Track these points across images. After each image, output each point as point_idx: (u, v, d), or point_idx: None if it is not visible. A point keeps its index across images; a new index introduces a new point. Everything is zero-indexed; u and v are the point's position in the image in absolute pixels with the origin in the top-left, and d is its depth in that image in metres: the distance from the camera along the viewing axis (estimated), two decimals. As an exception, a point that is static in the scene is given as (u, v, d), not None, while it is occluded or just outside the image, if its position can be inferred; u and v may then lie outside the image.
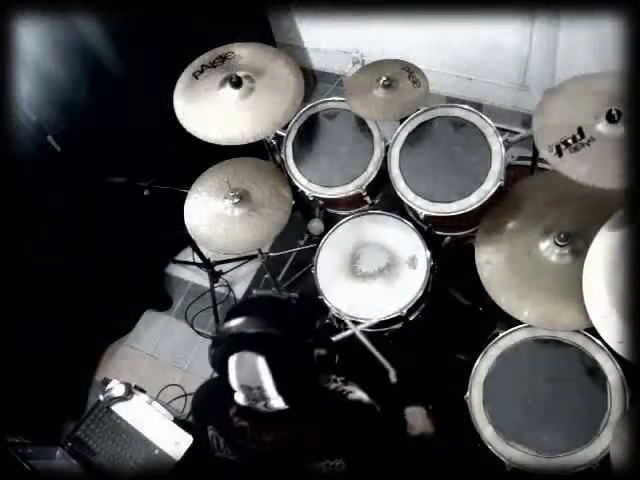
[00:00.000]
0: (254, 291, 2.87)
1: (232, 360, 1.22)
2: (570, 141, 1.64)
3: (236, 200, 2.16)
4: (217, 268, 2.88)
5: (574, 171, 1.62)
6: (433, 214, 2.08)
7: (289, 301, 1.72)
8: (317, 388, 1.35)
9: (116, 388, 2.17)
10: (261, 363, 1.20)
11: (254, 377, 1.21)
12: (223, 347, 1.25)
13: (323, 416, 1.33)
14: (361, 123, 2.32)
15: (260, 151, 2.50)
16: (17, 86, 2.05)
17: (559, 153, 1.65)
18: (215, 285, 2.91)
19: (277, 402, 1.23)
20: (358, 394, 1.41)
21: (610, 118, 1.61)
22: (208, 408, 1.50)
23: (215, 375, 1.40)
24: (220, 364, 1.26)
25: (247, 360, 1.21)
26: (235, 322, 1.27)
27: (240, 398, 1.25)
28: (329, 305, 2.13)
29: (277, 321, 1.28)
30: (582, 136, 1.64)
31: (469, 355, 2.00)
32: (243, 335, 1.24)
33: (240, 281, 3.04)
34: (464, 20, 2.45)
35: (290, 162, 2.34)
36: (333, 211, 2.42)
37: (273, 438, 1.30)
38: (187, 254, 3.05)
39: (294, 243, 2.81)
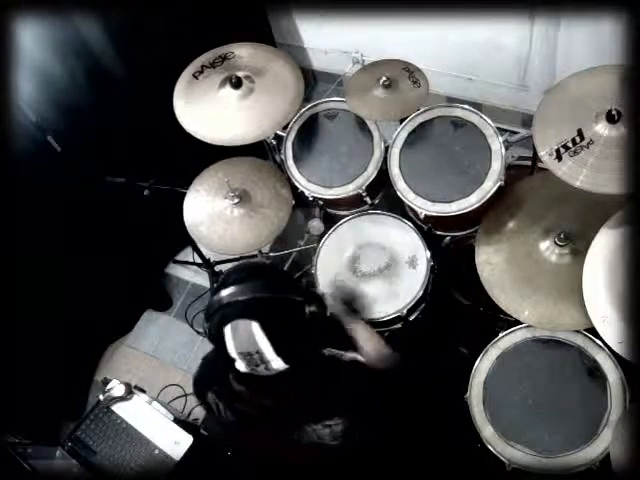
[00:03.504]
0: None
1: (227, 330, 1.23)
2: (570, 144, 1.64)
3: (236, 200, 2.16)
4: (217, 268, 2.88)
5: (573, 177, 1.62)
6: (433, 214, 2.08)
7: (269, 264, 1.71)
8: (315, 345, 1.36)
9: (116, 388, 2.17)
10: (256, 328, 1.21)
11: (251, 343, 1.21)
12: (216, 319, 1.25)
13: (320, 377, 1.35)
14: (361, 123, 2.32)
15: (260, 151, 2.50)
16: (17, 86, 2.05)
17: (559, 157, 1.65)
18: (215, 285, 2.91)
19: (277, 363, 1.23)
20: (351, 354, 1.43)
21: (610, 118, 1.61)
22: (208, 375, 1.52)
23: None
24: (216, 336, 1.26)
25: (242, 327, 1.22)
26: (224, 293, 1.27)
27: (241, 366, 1.25)
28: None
29: (264, 284, 1.29)
30: (582, 138, 1.64)
31: (469, 353, 2.00)
32: (234, 304, 1.24)
33: (240, 281, 3.04)
34: (464, 20, 2.44)
35: (290, 162, 2.34)
36: (333, 211, 2.42)
37: (272, 402, 1.31)
38: (187, 254, 3.05)
39: (294, 243, 2.81)
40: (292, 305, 1.30)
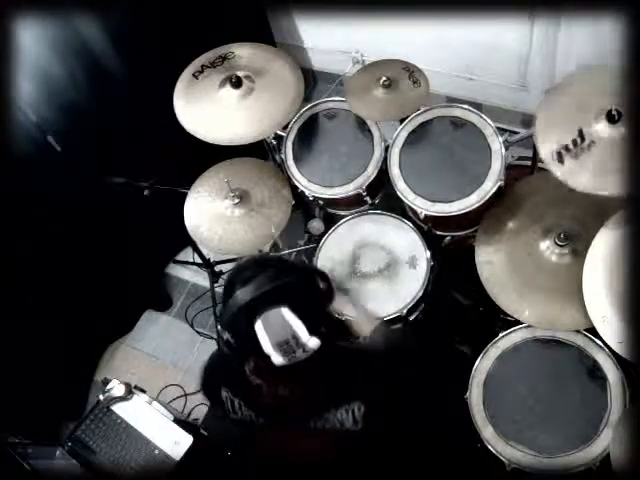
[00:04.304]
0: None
1: (258, 325, 1.20)
2: (571, 146, 1.64)
3: (236, 200, 2.16)
4: (217, 268, 2.88)
5: (576, 180, 1.62)
6: (433, 214, 2.08)
7: (264, 255, 1.69)
8: (331, 321, 1.37)
9: (116, 388, 2.17)
10: (286, 312, 1.20)
11: (285, 329, 1.20)
12: (243, 321, 1.22)
13: (334, 363, 1.35)
14: (361, 123, 2.32)
15: (260, 151, 2.50)
16: (17, 86, 2.05)
17: (560, 160, 1.65)
18: (215, 285, 2.91)
19: (312, 342, 1.22)
20: (357, 344, 1.46)
21: (610, 118, 1.61)
22: (221, 371, 1.52)
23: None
24: (247, 338, 1.23)
25: (273, 317, 1.20)
26: (239, 295, 1.24)
27: (278, 359, 1.22)
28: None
29: (275, 272, 1.28)
30: (582, 139, 1.64)
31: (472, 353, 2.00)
32: (255, 299, 1.22)
33: (240, 281, 3.04)
34: (464, 20, 2.45)
35: (290, 162, 2.34)
36: (333, 211, 2.42)
37: (289, 391, 1.31)
38: (187, 254, 3.05)
39: (294, 243, 2.81)
40: (308, 280, 1.31)
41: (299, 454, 1.47)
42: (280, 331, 1.20)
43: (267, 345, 1.21)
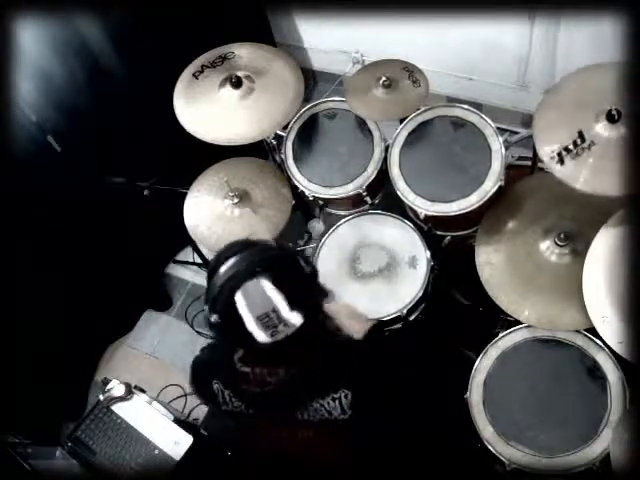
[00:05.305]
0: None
1: (239, 298, 1.20)
2: (571, 147, 1.64)
3: (236, 200, 2.16)
4: (217, 268, 2.88)
5: (576, 179, 1.62)
6: (433, 214, 2.08)
7: (248, 238, 1.72)
8: (316, 303, 1.37)
9: (116, 388, 2.17)
10: (266, 283, 1.20)
11: (266, 300, 1.20)
12: (224, 295, 1.23)
13: (319, 352, 1.35)
14: (361, 123, 2.32)
15: (260, 151, 2.50)
16: (17, 86, 2.05)
17: (561, 161, 1.65)
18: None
19: (294, 318, 1.22)
20: (345, 335, 1.46)
21: (610, 118, 1.61)
22: (210, 364, 1.52)
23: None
24: (228, 313, 1.23)
25: (252, 288, 1.20)
26: (222, 270, 1.25)
27: (261, 335, 1.22)
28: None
29: (257, 249, 1.30)
30: (583, 140, 1.64)
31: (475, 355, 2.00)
32: (237, 273, 1.23)
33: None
34: (464, 20, 2.45)
35: (290, 162, 2.34)
36: (333, 211, 2.42)
37: (275, 379, 1.31)
38: (187, 254, 3.05)
39: (294, 243, 2.81)
40: (290, 258, 1.32)
41: (295, 447, 1.47)
42: (260, 303, 1.20)
43: (248, 319, 1.20)
